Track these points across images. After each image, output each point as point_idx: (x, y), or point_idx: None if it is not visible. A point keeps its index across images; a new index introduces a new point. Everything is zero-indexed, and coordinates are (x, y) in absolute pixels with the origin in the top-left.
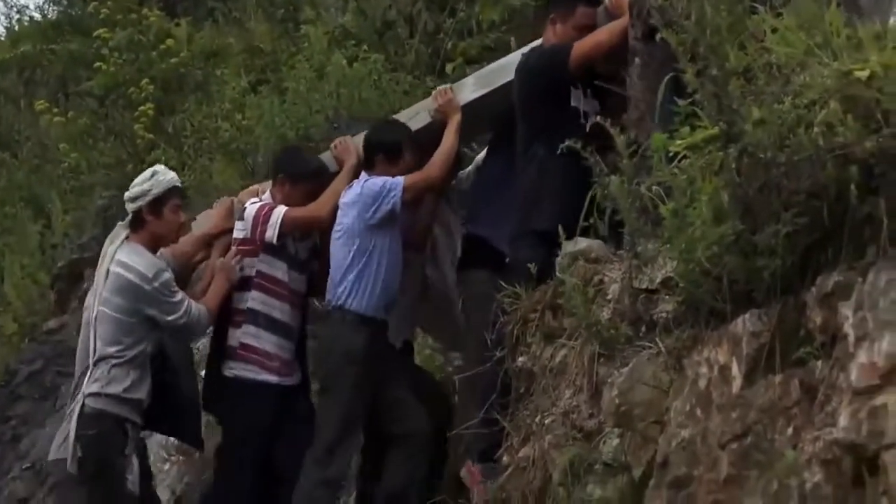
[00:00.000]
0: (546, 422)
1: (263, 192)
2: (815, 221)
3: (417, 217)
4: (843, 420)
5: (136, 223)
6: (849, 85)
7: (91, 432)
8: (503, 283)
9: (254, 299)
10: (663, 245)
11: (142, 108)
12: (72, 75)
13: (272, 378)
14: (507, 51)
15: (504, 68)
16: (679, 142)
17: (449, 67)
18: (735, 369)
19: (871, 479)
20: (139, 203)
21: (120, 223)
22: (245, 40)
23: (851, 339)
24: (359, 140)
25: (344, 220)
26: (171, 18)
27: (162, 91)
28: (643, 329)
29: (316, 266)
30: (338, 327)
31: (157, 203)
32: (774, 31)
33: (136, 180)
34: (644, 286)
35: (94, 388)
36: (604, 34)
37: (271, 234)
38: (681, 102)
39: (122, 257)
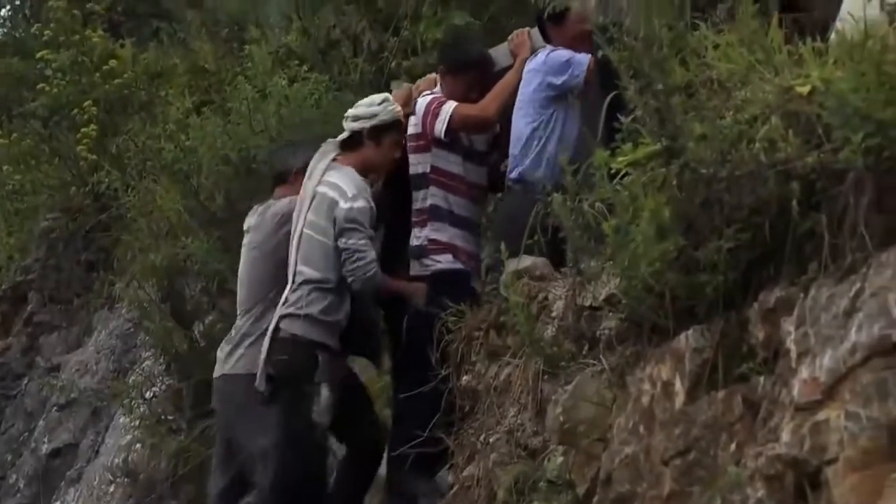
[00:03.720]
0: (491, 440)
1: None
2: (757, 237)
3: None
4: (785, 435)
5: (352, 143)
6: (790, 100)
7: (283, 357)
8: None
9: (434, 195)
10: (606, 262)
11: (85, 129)
12: (15, 96)
13: (466, 268)
14: None
15: None
16: (621, 158)
17: (393, 86)
18: (678, 385)
19: (814, 494)
20: (362, 124)
21: (331, 139)
22: (190, 60)
23: (793, 354)
24: (535, 33)
25: (525, 89)
26: (116, 39)
27: (106, 112)
28: (587, 346)
29: (496, 158)
30: (520, 200)
31: (379, 130)
32: (716, 46)
33: (364, 101)
34: (588, 303)
35: (291, 309)
36: None
37: (440, 128)
38: (624, 119)
39: (332, 178)
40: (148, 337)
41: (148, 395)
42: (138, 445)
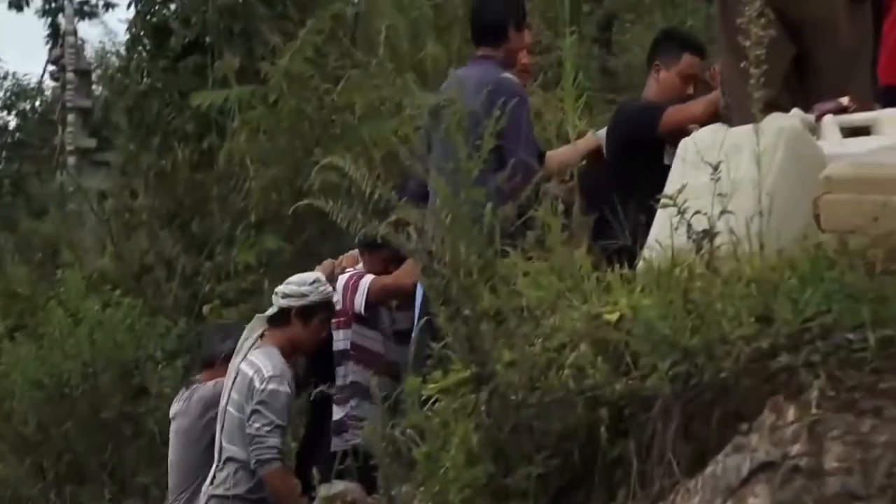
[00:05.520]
0: None
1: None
2: (567, 463)
3: None
4: None
5: (281, 320)
6: (598, 328)
7: None
8: None
9: (353, 372)
10: (418, 488)
11: None
12: None
13: None
14: (263, 293)
15: None
16: (432, 385)
17: (206, 310)
18: None
19: None
20: (290, 302)
21: (259, 315)
22: (3, 284)
23: None
24: None
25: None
26: None
27: None
28: None
29: None
30: None
31: (308, 311)
32: (526, 274)
33: (295, 279)
34: None
35: (220, 490)
36: (700, 107)
37: (359, 303)
38: (435, 345)
39: (255, 357)
40: None
41: None
42: None
